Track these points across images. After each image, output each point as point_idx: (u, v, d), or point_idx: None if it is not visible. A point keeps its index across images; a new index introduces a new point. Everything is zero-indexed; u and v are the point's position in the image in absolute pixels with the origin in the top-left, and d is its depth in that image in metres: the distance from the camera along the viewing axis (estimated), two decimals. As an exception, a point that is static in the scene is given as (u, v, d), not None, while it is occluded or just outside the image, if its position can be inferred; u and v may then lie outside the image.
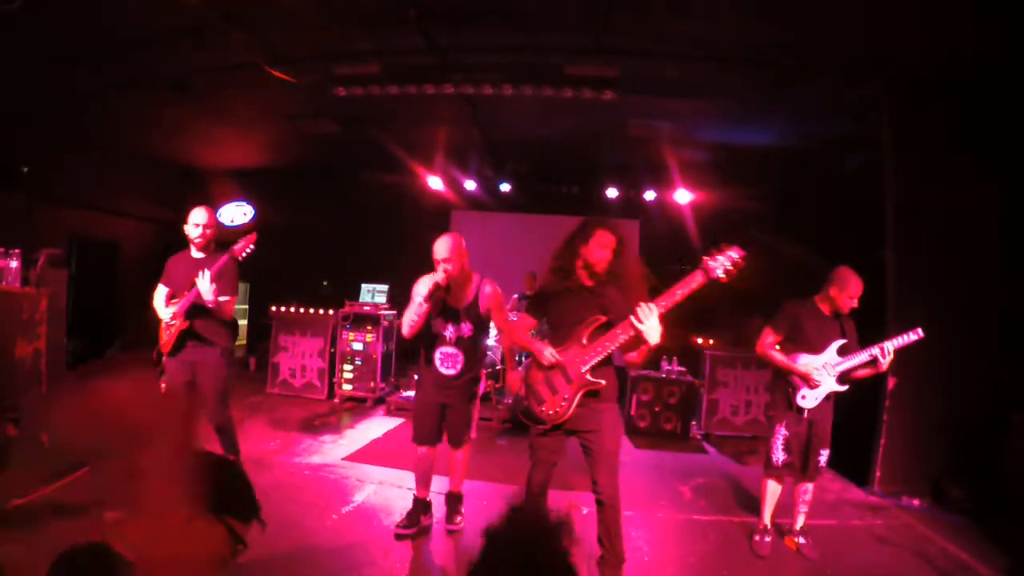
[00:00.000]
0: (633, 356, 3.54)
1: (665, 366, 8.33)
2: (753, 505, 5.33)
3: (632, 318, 3.31)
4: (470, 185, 10.60)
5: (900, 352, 4.97)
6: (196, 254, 4.72)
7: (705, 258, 3.38)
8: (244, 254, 4.68)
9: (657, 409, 8.08)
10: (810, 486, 4.60)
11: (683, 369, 8.35)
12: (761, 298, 6.29)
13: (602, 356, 3.52)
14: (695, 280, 3.37)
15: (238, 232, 11.04)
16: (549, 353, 3.61)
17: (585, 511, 5.07)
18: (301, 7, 5.29)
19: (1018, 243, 5.69)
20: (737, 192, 9.50)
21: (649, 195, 10.21)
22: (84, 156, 9.03)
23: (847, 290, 4.36)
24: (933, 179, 5.96)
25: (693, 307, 3.60)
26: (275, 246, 11.31)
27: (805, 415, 4.45)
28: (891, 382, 5.95)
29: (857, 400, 4.64)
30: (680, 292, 3.38)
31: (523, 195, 10.77)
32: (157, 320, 4.73)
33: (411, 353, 10.73)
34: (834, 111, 6.64)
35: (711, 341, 8.61)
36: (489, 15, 5.35)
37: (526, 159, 10.16)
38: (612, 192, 10.26)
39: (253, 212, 11.75)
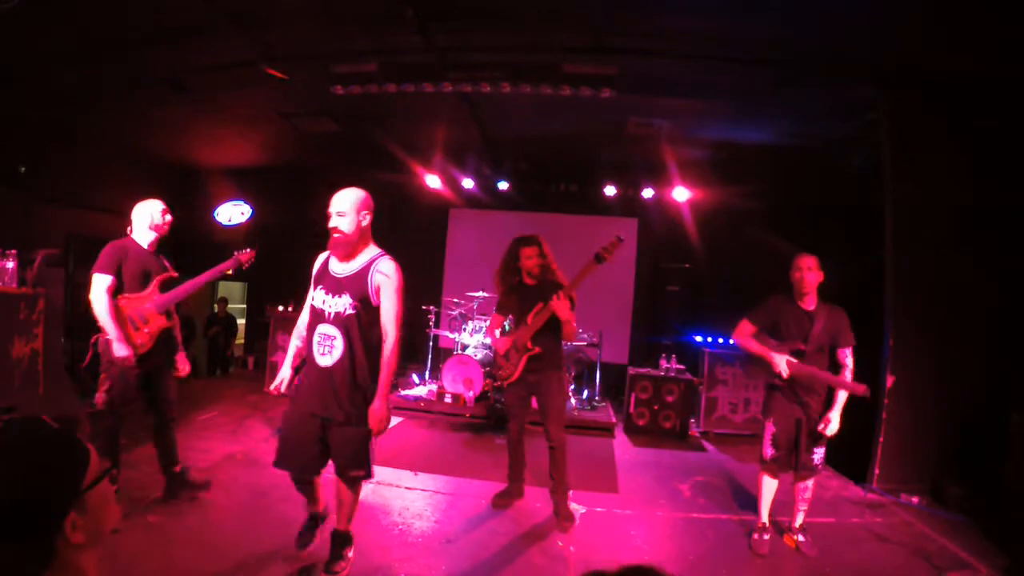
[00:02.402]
0: (563, 331, 4.89)
1: (664, 364, 8.34)
2: (752, 503, 5.33)
3: (550, 304, 4.74)
4: (468, 183, 10.59)
5: (899, 351, 5.01)
6: (148, 246, 4.57)
7: (599, 250, 4.73)
8: (248, 264, 4.91)
9: (656, 407, 8.08)
10: (809, 484, 4.59)
11: (682, 367, 8.35)
12: (759, 295, 6.29)
13: (538, 328, 4.89)
14: (589, 267, 4.79)
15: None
16: (503, 348, 5.12)
17: (583, 510, 5.12)
18: (299, 6, 5.29)
19: (1017, 242, 5.68)
20: (735, 190, 9.48)
21: (647, 193, 10.19)
22: (82, 155, 9.01)
23: (792, 266, 4.47)
24: (932, 179, 5.96)
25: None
26: (273, 245, 11.37)
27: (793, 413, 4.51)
28: (890, 380, 5.96)
29: (856, 397, 4.62)
30: (580, 279, 4.82)
31: (521, 193, 10.74)
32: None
33: (408, 352, 10.77)
34: (833, 111, 6.64)
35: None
36: (487, 13, 5.34)
37: (524, 157, 10.15)
38: (610, 190, 10.23)
39: (251, 212, 11.74)
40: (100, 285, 4.25)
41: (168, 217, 4.65)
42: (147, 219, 4.55)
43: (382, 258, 3.66)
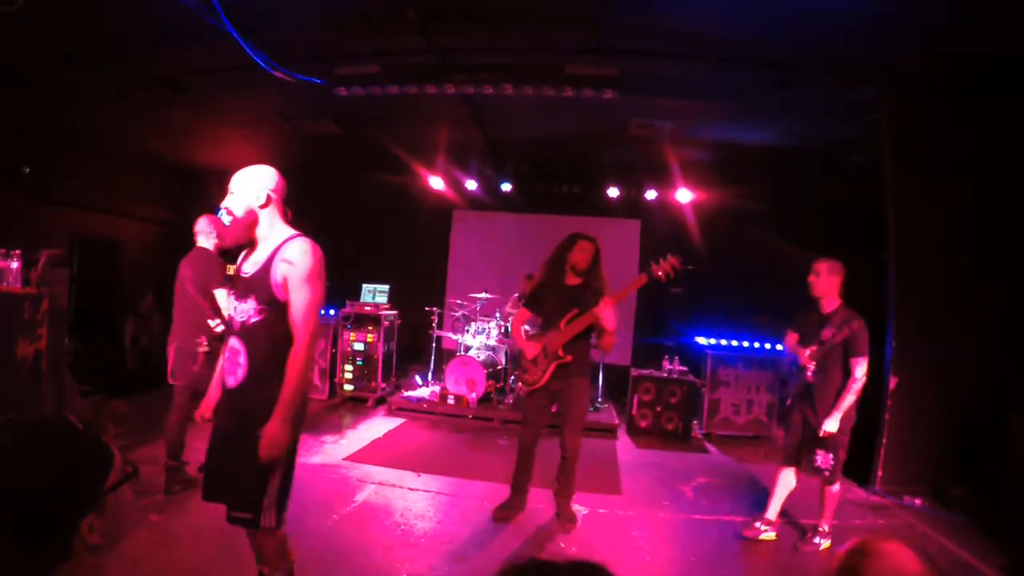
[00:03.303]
0: (601, 342, 4.74)
1: (667, 366, 8.33)
2: (756, 505, 5.35)
3: (596, 309, 4.52)
4: (471, 185, 10.58)
5: (900, 352, 5.00)
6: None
7: (652, 263, 4.69)
8: None
9: (659, 409, 8.08)
10: (831, 489, 4.62)
11: (684, 369, 8.34)
12: (761, 296, 6.30)
13: (573, 335, 4.70)
14: (640, 281, 4.75)
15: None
16: (532, 353, 4.85)
17: (585, 512, 5.13)
18: (301, 8, 5.30)
19: (1018, 242, 5.67)
20: (737, 191, 9.47)
21: (650, 194, 10.18)
22: (85, 156, 9.04)
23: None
24: (933, 179, 5.95)
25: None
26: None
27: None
28: (892, 382, 5.96)
29: (859, 399, 4.63)
30: (630, 290, 4.80)
31: (524, 195, 10.73)
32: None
33: (412, 353, 10.79)
34: (834, 111, 6.63)
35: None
36: (488, 14, 5.34)
37: (527, 159, 10.14)
38: (613, 192, 10.20)
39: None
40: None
41: None
42: (214, 231, 5.02)
43: (290, 242, 2.84)
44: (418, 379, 9.59)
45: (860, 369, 4.39)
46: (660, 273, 4.64)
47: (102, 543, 1.25)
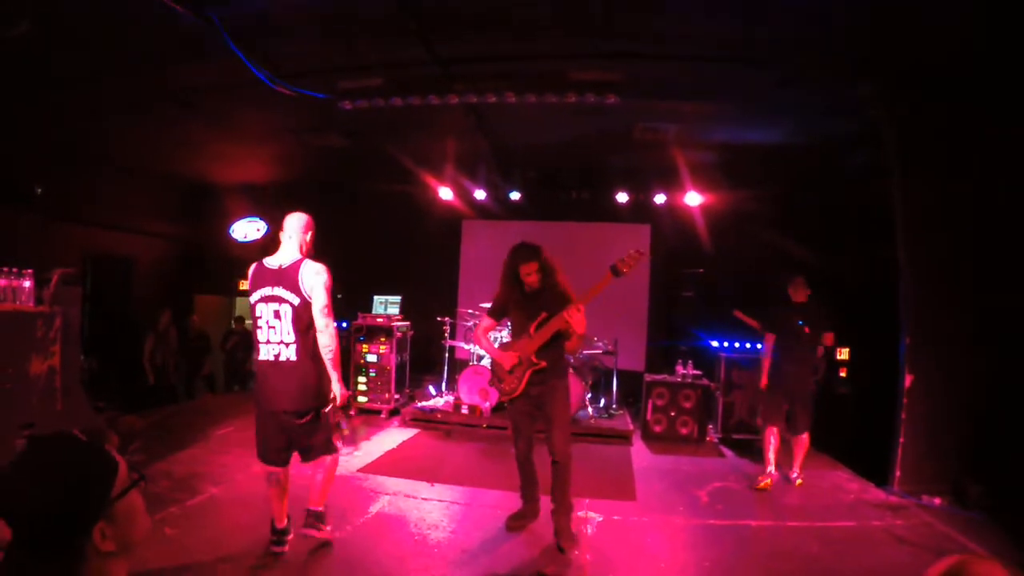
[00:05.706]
0: (567, 345, 4.73)
1: (680, 370, 8.29)
2: (766, 508, 5.31)
3: (564, 314, 4.45)
4: (479, 194, 10.61)
5: (915, 351, 4.97)
6: None
7: (617, 261, 4.52)
8: None
9: (673, 413, 8.05)
10: None
11: (698, 373, 8.30)
12: (774, 298, 6.28)
13: (544, 341, 4.63)
14: (606, 281, 4.54)
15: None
16: (509, 364, 4.75)
17: (600, 519, 5.10)
18: (304, 22, 5.33)
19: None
20: (746, 193, 9.45)
21: (659, 199, 10.15)
22: (97, 175, 9.15)
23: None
24: (937, 177, 5.92)
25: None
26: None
27: None
28: (908, 380, 5.90)
29: (874, 399, 4.59)
30: (597, 292, 4.54)
31: (533, 202, 10.73)
32: None
33: (425, 363, 10.79)
34: (838, 109, 6.58)
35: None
36: (489, 23, 5.36)
37: (534, 166, 10.15)
38: (622, 197, 10.18)
39: (266, 228, 11.82)
40: None
41: None
42: None
43: None
44: (431, 389, 9.60)
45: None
46: (625, 269, 4.52)
47: (115, 549, 1.29)
